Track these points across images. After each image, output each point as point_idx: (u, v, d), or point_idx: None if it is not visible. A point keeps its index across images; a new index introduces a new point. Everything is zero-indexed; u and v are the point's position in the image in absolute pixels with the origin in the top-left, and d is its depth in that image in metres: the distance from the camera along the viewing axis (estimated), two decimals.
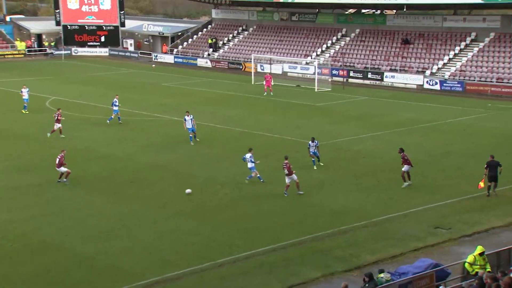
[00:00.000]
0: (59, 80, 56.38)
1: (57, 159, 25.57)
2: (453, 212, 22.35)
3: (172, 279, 17.23)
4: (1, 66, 65.72)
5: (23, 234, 20.15)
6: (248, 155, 25.69)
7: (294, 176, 24.11)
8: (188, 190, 24.32)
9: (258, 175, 25.51)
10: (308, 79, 55.74)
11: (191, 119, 32.10)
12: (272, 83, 48.55)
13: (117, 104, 37.20)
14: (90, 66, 67.67)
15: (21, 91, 41.45)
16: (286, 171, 24.10)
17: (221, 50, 70.42)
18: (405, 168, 25.26)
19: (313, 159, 28.08)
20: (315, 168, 27.73)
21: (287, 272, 17.60)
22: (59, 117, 33.35)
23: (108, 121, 36.95)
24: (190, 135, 32.09)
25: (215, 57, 69.43)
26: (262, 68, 61.77)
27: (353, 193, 24.59)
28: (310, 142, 28.20)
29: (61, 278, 17.24)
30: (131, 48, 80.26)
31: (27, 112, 40.57)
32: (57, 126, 33.37)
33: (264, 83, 48.68)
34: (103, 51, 77.64)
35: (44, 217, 21.73)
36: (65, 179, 25.61)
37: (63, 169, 25.57)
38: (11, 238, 19.82)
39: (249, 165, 25.59)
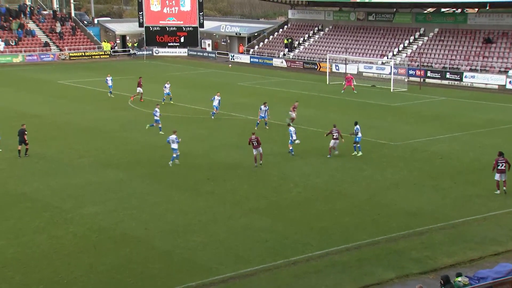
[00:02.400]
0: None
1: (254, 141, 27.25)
2: None
3: (246, 275, 17.40)
4: (88, 67, 68.71)
5: (106, 226, 20.99)
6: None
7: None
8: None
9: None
10: (384, 79, 54.70)
11: (266, 110, 34.86)
12: (354, 83, 48.43)
13: (215, 101, 39.02)
14: (170, 66, 69.46)
15: (106, 80, 47.95)
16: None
17: (297, 50, 70.35)
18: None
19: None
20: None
21: (361, 272, 17.37)
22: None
23: (212, 117, 38.73)
24: (258, 121, 34.66)
25: (291, 57, 69.44)
26: (337, 68, 61.22)
27: (428, 194, 23.92)
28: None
29: (141, 270, 17.82)
30: (209, 49, 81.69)
31: (112, 96, 46.92)
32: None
33: (345, 82, 48.62)
34: (182, 52, 79.46)
35: (125, 210, 22.51)
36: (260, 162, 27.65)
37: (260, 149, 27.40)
38: (95, 229, 20.69)
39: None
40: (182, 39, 79.68)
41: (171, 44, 79.77)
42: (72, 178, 26.59)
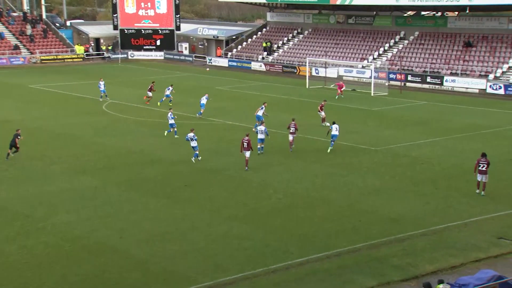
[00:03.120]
0: (115, 83, 57.86)
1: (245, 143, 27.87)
2: None
3: (225, 284, 17.39)
4: (61, 70, 68.08)
5: (79, 235, 20.79)
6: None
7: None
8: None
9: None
10: (364, 83, 55.19)
11: (261, 108, 36.48)
12: (343, 89, 48.23)
13: (203, 101, 40.55)
14: (146, 69, 69.19)
15: (99, 84, 48.07)
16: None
17: (276, 54, 70.64)
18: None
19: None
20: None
21: (341, 280, 17.47)
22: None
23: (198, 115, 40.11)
24: (257, 123, 34.62)
25: (270, 60, 69.71)
26: (317, 71, 61.61)
27: (410, 200, 24.19)
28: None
29: (116, 279, 17.69)
30: (186, 52, 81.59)
31: (107, 99, 47.33)
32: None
33: (338, 89, 48.12)
34: (159, 55, 79.23)
35: (100, 218, 22.34)
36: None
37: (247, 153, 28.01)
38: (68, 239, 20.49)
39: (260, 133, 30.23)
40: (158, 42, 79.47)
41: (147, 47, 79.51)
42: (44, 185, 26.32)
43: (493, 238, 20.22)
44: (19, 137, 30.13)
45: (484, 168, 24.38)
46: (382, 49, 62.69)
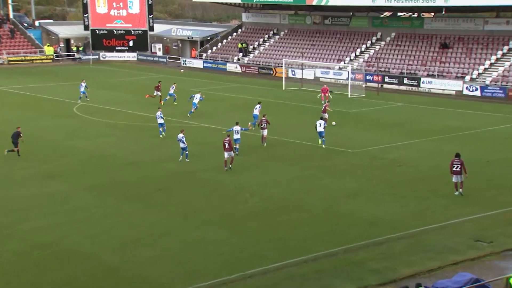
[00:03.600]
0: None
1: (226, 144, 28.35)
2: (494, 224, 21.97)
3: None
4: (29, 72, 67.22)
5: (49, 242, 20.51)
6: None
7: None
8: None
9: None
10: (341, 85, 55.56)
11: (258, 107, 37.70)
12: (328, 94, 46.84)
13: (196, 100, 42.01)
14: (118, 71, 68.69)
15: (80, 85, 48.27)
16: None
17: (251, 55, 70.75)
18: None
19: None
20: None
21: (319, 285, 17.52)
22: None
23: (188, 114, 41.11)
24: (254, 122, 36.72)
25: (245, 62, 69.78)
26: (293, 73, 61.84)
27: (387, 203, 24.39)
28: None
29: (88, 287, 17.48)
30: (160, 53, 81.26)
31: (86, 100, 47.45)
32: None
33: (321, 94, 47.37)
34: (131, 56, 78.76)
35: (71, 224, 22.08)
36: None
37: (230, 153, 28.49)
38: (37, 246, 20.19)
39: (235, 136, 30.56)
40: (130, 43, 79.00)
41: (119, 48, 78.96)
42: (12, 190, 25.92)
43: (470, 240, 20.49)
44: (21, 135, 31.19)
45: (458, 169, 24.78)
46: (359, 50, 63.21)
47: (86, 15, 78.21)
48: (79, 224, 22.08)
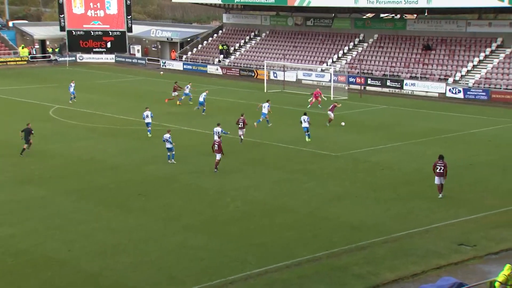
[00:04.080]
0: (63, 87, 56.89)
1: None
2: (478, 228, 22.23)
3: None
4: (3, 74, 66.50)
5: (25, 249, 20.31)
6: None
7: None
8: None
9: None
10: (324, 87, 55.79)
11: (267, 106, 39.10)
12: (320, 99, 46.69)
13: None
14: (96, 73, 68.27)
15: (69, 86, 48.75)
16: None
17: (232, 57, 70.78)
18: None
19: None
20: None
21: None
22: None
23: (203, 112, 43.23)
24: (267, 119, 38.77)
25: (226, 63, 69.79)
26: (275, 75, 61.99)
27: (371, 206, 24.56)
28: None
29: None
30: (138, 55, 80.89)
31: (74, 101, 48.06)
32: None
33: (312, 98, 46.99)
34: (109, 58, 78.31)
35: (47, 230, 21.90)
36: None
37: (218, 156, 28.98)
38: (12, 253, 19.99)
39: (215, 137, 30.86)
40: (108, 45, 78.56)
41: (97, 49, 78.49)
42: None
43: (453, 244, 20.71)
44: (32, 132, 32.06)
45: (441, 171, 25.07)
46: (341, 52, 63.58)
47: (62, 15, 77.63)
48: (56, 230, 21.90)
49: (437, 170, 25.20)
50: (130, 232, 21.72)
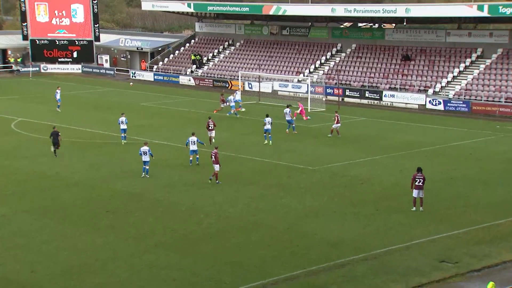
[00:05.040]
0: (26, 100, 56.31)
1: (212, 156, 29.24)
2: (459, 244, 22.47)
3: None
4: None
5: None
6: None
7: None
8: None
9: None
10: (300, 98, 56.09)
11: (289, 111, 41.49)
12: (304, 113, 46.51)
13: (235, 100, 47.91)
14: (61, 84, 67.54)
15: (56, 93, 50.06)
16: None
17: (206, 67, 70.85)
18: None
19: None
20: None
21: None
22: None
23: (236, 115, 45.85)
24: (292, 125, 41.48)
25: (199, 74, 69.81)
26: (250, 86, 62.17)
27: (349, 222, 24.68)
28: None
29: None
30: (107, 65, 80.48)
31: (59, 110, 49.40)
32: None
33: (299, 111, 46.69)
34: (76, 68, 77.78)
35: (8, 251, 21.55)
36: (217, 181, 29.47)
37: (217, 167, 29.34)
38: None
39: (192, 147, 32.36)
40: (75, 54, 78.03)
41: (62, 59, 77.90)
42: None
43: (435, 261, 20.89)
44: (59, 134, 34.90)
45: (420, 184, 25.42)
46: (318, 62, 64.07)
47: (25, 24, 76.92)
48: (17, 251, 21.56)
49: (416, 183, 25.51)
50: (98, 252, 21.49)
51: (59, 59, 77.79)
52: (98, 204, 26.66)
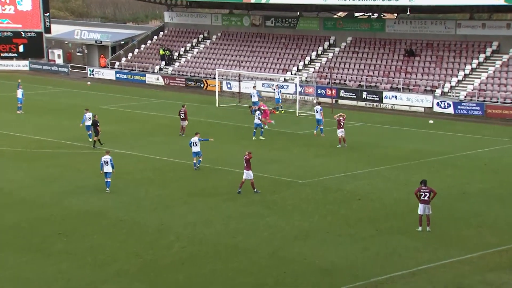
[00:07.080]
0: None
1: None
2: (474, 270, 22.58)
3: None
4: None
5: None
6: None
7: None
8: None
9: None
10: (288, 100, 56.25)
11: (320, 109, 43.47)
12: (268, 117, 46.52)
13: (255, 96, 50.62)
14: (5, 83, 67.25)
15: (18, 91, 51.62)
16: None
17: (177, 64, 70.84)
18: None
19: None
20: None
21: None
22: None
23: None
24: (321, 127, 43.28)
25: (169, 72, 69.77)
26: (229, 86, 62.24)
27: (345, 245, 24.73)
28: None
29: None
30: (59, 61, 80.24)
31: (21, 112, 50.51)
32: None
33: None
34: (22, 65, 77.48)
35: None
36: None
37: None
38: None
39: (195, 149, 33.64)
40: (21, 48, 77.70)
41: (6, 54, 77.49)
42: None
43: None
44: (98, 123, 38.72)
45: (426, 198, 25.49)
46: (308, 58, 64.34)
47: None
48: None
49: (422, 198, 25.59)
50: (49, 282, 21.35)
51: (2, 54, 77.34)
52: (49, 226, 26.49)
